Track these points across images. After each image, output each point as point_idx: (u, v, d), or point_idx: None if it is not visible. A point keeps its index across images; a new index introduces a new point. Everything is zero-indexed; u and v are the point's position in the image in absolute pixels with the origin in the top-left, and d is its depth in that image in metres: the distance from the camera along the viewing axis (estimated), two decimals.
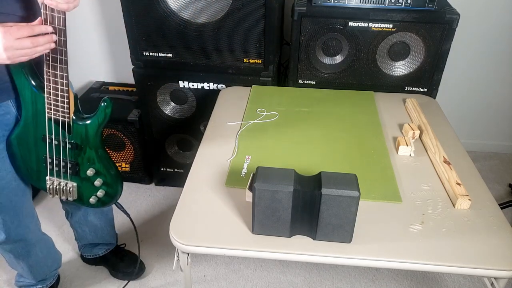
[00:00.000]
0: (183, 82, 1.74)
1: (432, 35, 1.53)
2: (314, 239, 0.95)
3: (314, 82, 1.68)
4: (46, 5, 0.95)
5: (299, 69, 1.65)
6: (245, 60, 1.65)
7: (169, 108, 1.84)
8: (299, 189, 0.89)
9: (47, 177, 1.20)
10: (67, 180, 1.20)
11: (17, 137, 1.14)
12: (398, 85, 1.65)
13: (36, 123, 1.12)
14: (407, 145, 1.23)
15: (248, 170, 1.16)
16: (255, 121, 1.38)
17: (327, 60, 1.64)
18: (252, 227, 0.96)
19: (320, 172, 0.91)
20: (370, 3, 1.51)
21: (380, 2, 1.50)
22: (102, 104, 1.11)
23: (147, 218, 1.95)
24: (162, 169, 2.05)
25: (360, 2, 1.51)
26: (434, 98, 1.61)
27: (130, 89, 2.15)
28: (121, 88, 2.17)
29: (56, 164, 1.18)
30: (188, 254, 0.99)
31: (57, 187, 1.20)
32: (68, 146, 1.14)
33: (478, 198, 1.07)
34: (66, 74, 1.03)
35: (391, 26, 1.52)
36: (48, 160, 1.17)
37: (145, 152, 2.02)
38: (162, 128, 1.90)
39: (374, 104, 1.49)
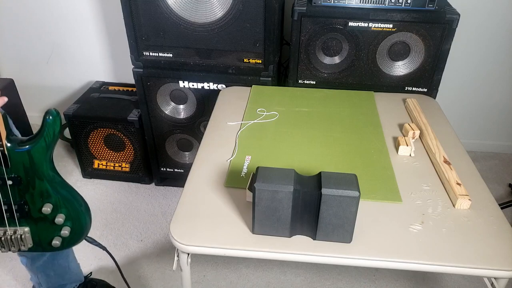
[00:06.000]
0: (183, 82, 1.74)
1: (432, 35, 1.53)
2: (314, 239, 0.95)
3: (314, 82, 1.68)
4: None
5: (299, 69, 1.65)
6: (245, 60, 1.65)
7: (169, 108, 1.84)
8: (299, 189, 0.89)
9: None
10: (15, 226, 0.95)
11: None
12: (398, 85, 1.65)
13: None
14: (407, 145, 1.23)
15: (248, 170, 1.16)
16: (255, 121, 1.38)
17: (327, 60, 1.64)
18: (252, 227, 0.96)
19: (320, 172, 0.91)
20: (370, 3, 1.51)
21: (380, 2, 1.50)
22: (48, 118, 0.85)
23: (147, 218, 1.95)
24: (162, 169, 2.05)
25: (360, 2, 1.51)
26: (434, 98, 1.61)
27: (130, 89, 2.16)
28: (121, 88, 2.17)
29: None
30: (188, 254, 0.99)
31: (3, 238, 0.94)
32: (8, 182, 0.89)
33: (478, 198, 1.07)
34: None
35: (391, 26, 1.52)
36: None
37: (145, 152, 2.02)
38: (162, 128, 1.90)
39: (374, 104, 1.49)
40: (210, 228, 0.98)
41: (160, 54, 1.69)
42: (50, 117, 0.85)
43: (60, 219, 0.96)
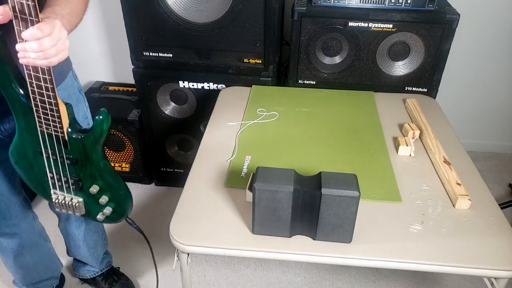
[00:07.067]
0: (183, 82, 1.74)
1: (432, 35, 1.53)
2: (314, 239, 0.95)
3: (314, 82, 1.68)
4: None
5: (299, 69, 1.65)
6: (245, 60, 1.65)
7: (169, 108, 1.84)
8: (299, 189, 0.89)
9: (52, 191, 1.12)
10: (72, 195, 1.11)
11: (15, 150, 1.06)
12: (398, 85, 1.65)
13: (31, 136, 1.01)
14: (407, 145, 1.23)
15: (248, 170, 1.16)
16: (255, 121, 1.38)
17: (327, 60, 1.64)
18: (252, 227, 0.96)
19: (320, 172, 0.91)
20: (370, 3, 1.51)
21: (380, 2, 1.50)
22: (98, 117, 0.98)
23: (147, 218, 1.95)
24: (162, 169, 2.05)
25: (360, 2, 1.51)
26: (434, 98, 1.61)
27: (130, 89, 2.15)
28: (121, 88, 2.17)
29: (57, 179, 1.08)
30: (188, 254, 0.99)
31: (63, 202, 1.12)
32: (67, 161, 1.03)
33: (478, 198, 1.07)
34: (52, 86, 0.89)
35: (391, 26, 1.52)
36: (49, 175, 1.08)
37: (145, 152, 2.02)
38: (162, 128, 1.90)
39: (374, 104, 1.49)
40: (210, 228, 0.98)
41: (160, 54, 1.69)
42: (100, 117, 0.98)
43: (103, 200, 1.09)
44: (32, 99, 0.93)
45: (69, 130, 0.98)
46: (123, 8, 1.59)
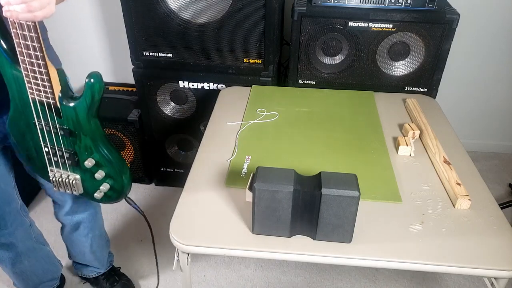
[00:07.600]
0: (183, 82, 1.74)
1: (432, 35, 1.53)
2: (314, 239, 0.95)
3: (314, 82, 1.68)
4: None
5: (299, 69, 1.65)
6: (245, 60, 1.65)
7: (169, 108, 1.84)
8: (299, 189, 0.89)
9: (49, 168, 1.06)
10: (68, 171, 1.05)
11: (11, 123, 1.01)
12: (398, 85, 1.65)
13: (24, 106, 0.95)
14: (407, 145, 1.23)
15: (248, 170, 1.16)
16: (255, 121, 1.38)
17: (327, 60, 1.64)
18: (252, 227, 0.96)
19: (320, 172, 0.91)
20: (370, 3, 1.51)
21: (380, 2, 1.50)
22: (88, 80, 0.90)
23: (147, 218, 1.94)
24: (162, 169, 2.05)
25: (360, 2, 1.51)
26: (434, 98, 1.61)
27: (130, 89, 2.15)
28: (121, 88, 2.17)
29: (53, 153, 1.02)
30: (188, 254, 0.99)
31: (60, 179, 1.06)
32: (60, 132, 0.97)
33: (478, 198, 1.07)
34: (39, 45, 0.83)
35: (391, 26, 1.52)
36: (44, 150, 1.02)
37: (145, 152, 2.02)
38: (162, 128, 1.90)
39: (374, 104, 1.49)
40: (210, 228, 0.98)
41: (160, 54, 1.69)
42: (91, 80, 0.90)
43: (99, 175, 1.04)
44: (20, 62, 0.88)
45: (60, 95, 0.93)
46: (123, 8, 1.59)
